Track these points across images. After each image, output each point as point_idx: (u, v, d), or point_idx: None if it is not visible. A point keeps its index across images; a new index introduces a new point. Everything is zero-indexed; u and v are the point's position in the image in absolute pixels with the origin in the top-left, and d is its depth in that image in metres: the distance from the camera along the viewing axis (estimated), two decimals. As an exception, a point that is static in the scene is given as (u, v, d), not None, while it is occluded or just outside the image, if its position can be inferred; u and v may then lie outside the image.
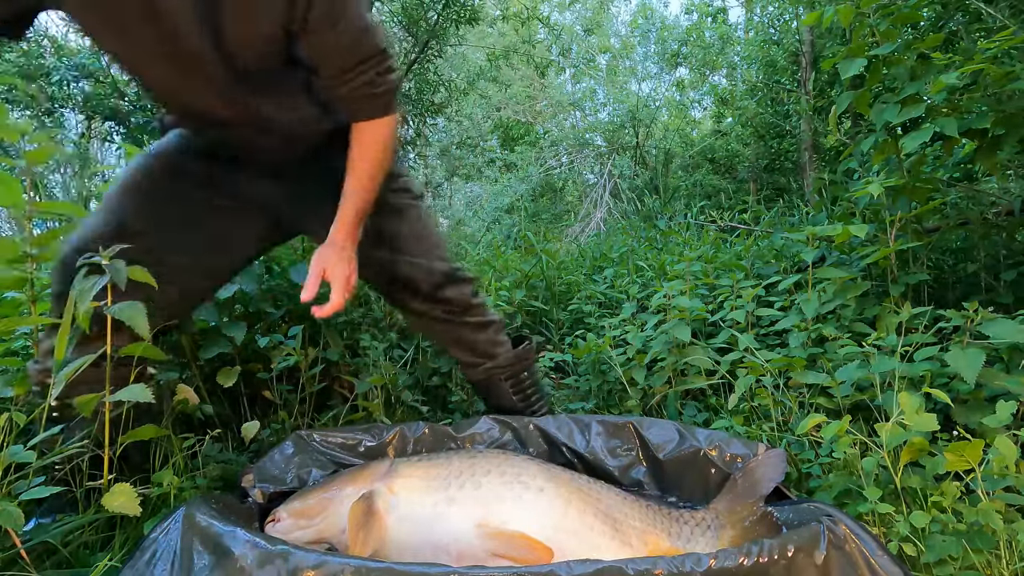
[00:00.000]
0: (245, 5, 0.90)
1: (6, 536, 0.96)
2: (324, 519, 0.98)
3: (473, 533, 0.91)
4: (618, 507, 0.99)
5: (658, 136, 10.13)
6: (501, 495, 0.94)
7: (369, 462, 1.11)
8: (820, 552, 0.74)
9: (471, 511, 0.93)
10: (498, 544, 0.89)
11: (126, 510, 1.06)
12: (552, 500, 0.94)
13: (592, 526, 0.93)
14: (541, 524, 0.92)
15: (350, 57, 0.99)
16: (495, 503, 0.94)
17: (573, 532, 0.92)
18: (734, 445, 1.18)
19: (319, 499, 1.01)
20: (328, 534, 0.98)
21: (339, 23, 0.95)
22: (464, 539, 0.91)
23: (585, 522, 0.93)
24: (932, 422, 1.03)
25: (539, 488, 0.96)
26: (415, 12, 6.55)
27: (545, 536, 0.90)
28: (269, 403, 1.73)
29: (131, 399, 1.10)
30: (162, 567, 0.80)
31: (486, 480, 0.97)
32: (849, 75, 1.71)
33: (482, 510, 0.93)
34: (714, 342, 1.84)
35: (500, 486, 0.96)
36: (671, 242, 3.91)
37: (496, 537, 0.90)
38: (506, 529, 0.90)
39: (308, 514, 0.99)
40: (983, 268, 1.91)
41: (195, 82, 0.98)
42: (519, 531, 0.90)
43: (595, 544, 0.92)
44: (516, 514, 0.92)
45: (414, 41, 6.72)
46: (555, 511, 0.93)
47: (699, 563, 0.71)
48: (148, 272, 1.00)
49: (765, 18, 8.81)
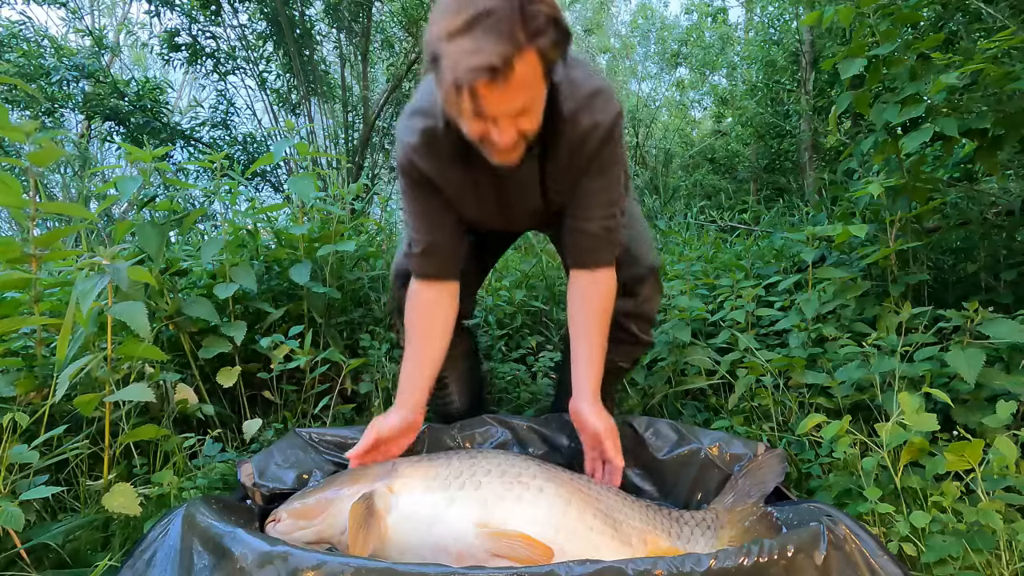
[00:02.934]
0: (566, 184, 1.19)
1: (6, 536, 0.96)
2: (324, 520, 0.98)
3: (473, 533, 0.90)
4: (618, 507, 0.98)
5: (658, 136, 10.13)
6: (501, 495, 0.94)
7: (370, 464, 1.11)
8: (820, 552, 0.74)
9: (471, 511, 0.93)
10: (498, 544, 0.89)
11: (126, 510, 1.06)
12: (552, 500, 0.94)
13: (592, 526, 0.93)
14: (541, 524, 0.91)
15: (608, 202, 1.20)
16: (495, 503, 0.93)
17: (573, 532, 0.92)
18: (734, 445, 1.18)
19: (319, 499, 1.01)
20: (328, 534, 0.98)
21: (611, 171, 1.18)
22: (464, 539, 0.90)
23: (585, 522, 0.93)
24: (932, 422, 1.03)
25: (539, 488, 0.95)
26: (415, 12, 6.56)
27: (545, 536, 0.90)
28: (269, 403, 1.73)
29: (131, 399, 1.11)
30: (161, 567, 0.81)
31: (486, 480, 0.97)
32: (849, 75, 1.71)
33: (482, 510, 0.93)
34: (714, 342, 1.84)
35: (500, 486, 0.95)
36: (671, 242, 3.90)
37: (496, 537, 0.89)
38: (506, 529, 0.90)
39: (308, 515, 0.99)
40: (983, 268, 1.91)
41: (520, 221, 1.36)
42: (519, 531, 0.90)
43: (595, 544, 0.91)
44: (516, 514, 0.92)
45: (414, 41, 6.72)
46: (555, 511, 0.93)
47: (699, 563, 0.71)
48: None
49: (765, 18, 8.81)
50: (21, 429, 1.08)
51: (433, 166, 1.15)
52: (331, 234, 1.98)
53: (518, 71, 0.88)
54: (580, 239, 1.23)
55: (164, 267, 1.68)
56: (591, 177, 1.18)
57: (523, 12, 0.86)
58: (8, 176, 1.23)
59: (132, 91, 6.01)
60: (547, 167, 1.17)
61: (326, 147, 6.52)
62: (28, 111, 5.87)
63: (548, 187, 1.21)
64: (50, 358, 1.31)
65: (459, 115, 0.96)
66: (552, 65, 0.95)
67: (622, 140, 1.19)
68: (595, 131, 1.11)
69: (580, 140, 1.12)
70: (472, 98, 0.89)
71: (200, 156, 6.24)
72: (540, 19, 0.88)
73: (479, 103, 0.90)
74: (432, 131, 1.12)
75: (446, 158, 1.14)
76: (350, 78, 6.87)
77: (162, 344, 1.67)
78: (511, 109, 0.93)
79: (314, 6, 6.49)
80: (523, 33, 0.86)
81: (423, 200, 1.21)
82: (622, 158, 1.21)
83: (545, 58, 0.92)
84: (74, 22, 6.64)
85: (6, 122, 1.24)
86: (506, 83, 0.88)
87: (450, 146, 1.12)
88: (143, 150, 1.63)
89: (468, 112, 0.93)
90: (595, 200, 1.20)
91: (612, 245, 1.24)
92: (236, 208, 2.07)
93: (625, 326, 1.39)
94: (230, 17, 6.25)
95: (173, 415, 1.46)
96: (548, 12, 0.89)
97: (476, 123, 0.96)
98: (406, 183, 1.21)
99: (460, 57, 0.85)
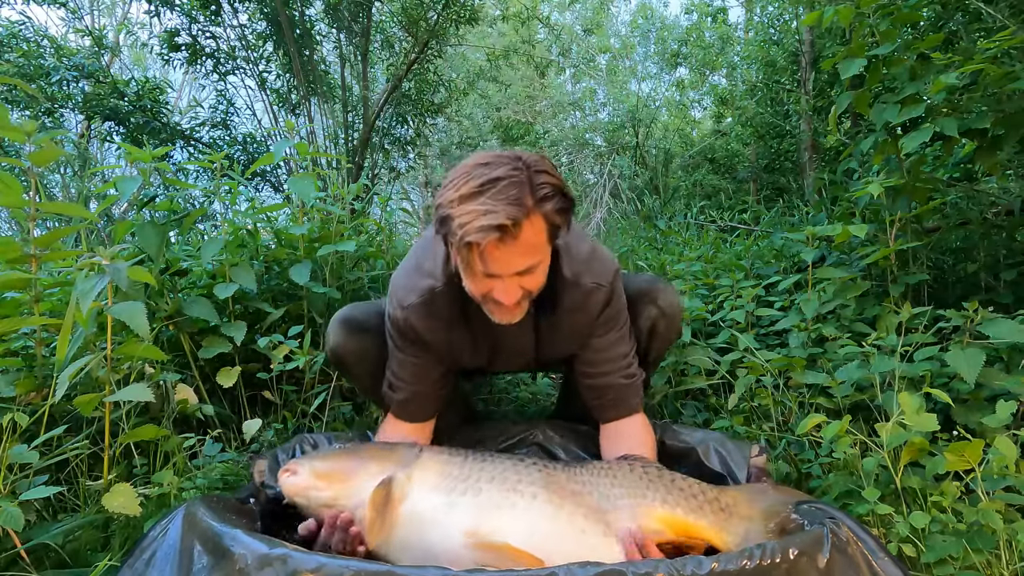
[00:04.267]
0: (564, 343, 1.26)
1: (6, 536, 0.96)
2: (343, 487, 0.99)
3: (460, 543, 0.92)
4: (609, 495, 0.99)
5: (658, 136, 10.12)
6: (498, 503, 0.95)
7: (401, 445, 1.12)
8: (823, 555, 0.74)
9: (464, 519, 0.94)
10: (485, 556, 0.89)
11: (126, 510, 1.06)
12: (543, 506, 0.95)
13: (584, 528, 0.94)
14: (531, 531, 0.92)
15: (623, 354, 1.26)
16: (490, 511, 0.94)
17: (564, 536, 0.93)
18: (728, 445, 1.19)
19: (344, 466, 1.02)
20: (343, 504, 0.98)
21: (619, 324, 1.25)
22: (452, 549, 0.92)
23: (576, 524, 0.94)
24: (932, 422, 1.03)
25: (532, 495, 0.96)
26: (415, 12, 6.55)
27: (535, 543, 0.90)
28: (269, 403, 1.73)
29: (131, 399, 1.10)
30: (161, 567, 0.80)
31: (488, 487, 0.97)
32: (849, 75, 1.71)
33: (475, 519, 0.93)
34: (714, 342, 1.84)
35: (498, 494, 0.96)
36: (671, 242, 3.91)
37: (483, 549, 0.90)
38: (492, 540, 0.91)
39: (329, 477, 1.00)
40: (983, 268, 1.91)
41: (512, 366, 1.42)
42: (505, 542, 0.90)
43: (591, 545, 0.92)
44: (508, 523, 0.93)
45: (414, 41, 6.71)
46: (545, 518, 0.94)
47: (700, 566, 0.70)
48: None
49: (765, 18, 8.80)
50: (21, 429, 1.08)
51: (430, 326, 1.19)
52: (331, 234, 1.98)
53: (525, 232, 0.94)
54: (605, 392, 1.26)
55: (164, 267, 1.67)
56: (601, 335, 1.24)
57: (531, 181, 0.95)
58: (8, 176, 1.23)
59: (132, 91, 6.00)
60: (541, 325, 1.24)
61: (326, 147, 6.52)
62: (28, 111, 5.86)
63: (542, 342, 1.28)
64: (50, 358, 1.31)
65: (466, 273, 1.03)
66: (557, 231, 1.02)
67: (623, 292, 1.27)
68: (598, 291, 1.19)
69: (583, 299, 1.19)
70: (481, 257, 0.96)
71: (200, 156, 6.24)
72: (547, 188, 0.96)
73: (487, 261, 0.96)
74: (431, 290, 1.17)
75: (444, 317, 1.19)
76: (350, 78, 6.86)
77: (162, 344, 1.66)
78: (516, 268, 0.99)
79: (314, 6, 6.48)
80: (531, 199, 0.94)
81: (412, 356, 1.25)
82: (625, 307, 1.28)
83: (550, 223, 0.99)
84: (74, 22, 6.63)
85: (6, 122, 1.24)
86: (514, 243, 0.94)
87: (449, 306, 1.17)
88: (143, 150, 1.63)
89: (477, 271, 0.99)
90: (610, 354, 1.25)
91: (637, 389, 1.28)
92: (236, 208, 2.07)
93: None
94: (230, 17, 6.24)
95: (173, 415, 1.45)
96: (554, 183, 0.97)
97: (483, 282, 1.02)
98: (398, 340, 1.24)
99: (471, 218, 0.91)
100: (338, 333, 1.36)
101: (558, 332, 1.24)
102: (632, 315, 1.33)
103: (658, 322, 1.36)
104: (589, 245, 1.22)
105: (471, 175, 0.94)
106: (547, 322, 1.22)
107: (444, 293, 1.16)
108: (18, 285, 1.30)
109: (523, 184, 0.94)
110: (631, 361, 1.27)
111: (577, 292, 1.18)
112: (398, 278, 1.24)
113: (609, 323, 1.24)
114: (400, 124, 7.24)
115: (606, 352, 1.25)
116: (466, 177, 0.95)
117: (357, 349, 1.35)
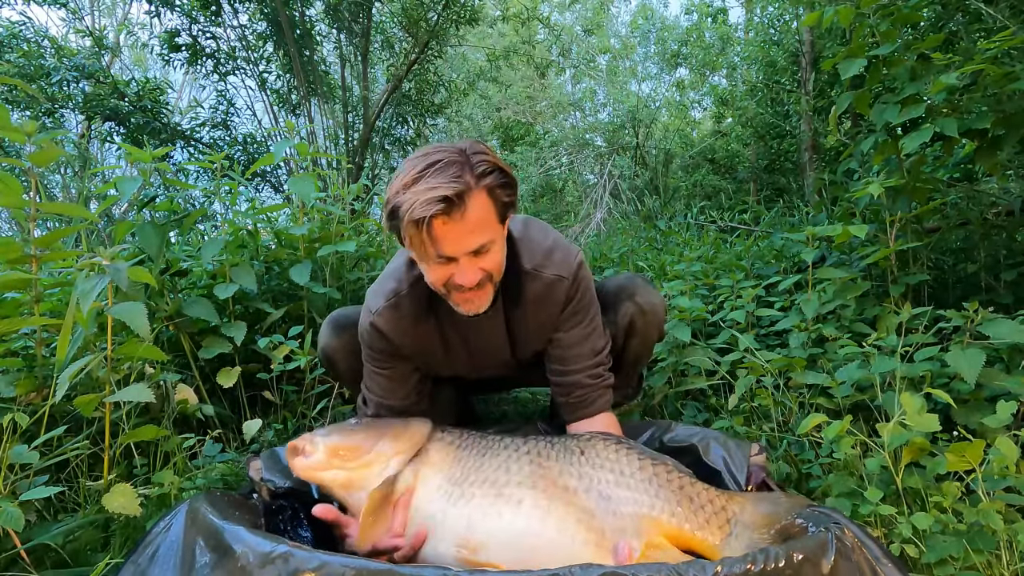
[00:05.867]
0: (534, 337, 1.26)
1: (7, 537, 0.96)
2: (359, 469, 1.00)
3: (453, 556, 0.92)
4: (610, 499, 0.95)
5: (658, 136, 10.12)
6: (485, 512, 0.94)
7: (415, 423, 1.11)
8: (827, 561, 0.73)
9: (457, 528, 0.94)
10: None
11: (126, 510, 1.06)
12: (530, 512, 0.93)
13: (574, 536, 0.91)
14: (518, 545, 0.91)
15: (592, 351, 1.25)
16: (479, 521, 0.94)
17: (554, 545, 0.90)
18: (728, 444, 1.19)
19: (359, 445, 1.02)
20: (360, 486, 0.99)
21: (586, 319, 1.24)
22: (447, 554, 0.93)
23: (567, 531, 0.91)
24: (933, 422, 1.03)
25: (518, 500, 0.94)
26: (415, 12, 6.55)
27: (525, 557, 0.89)
28: (269, 403, 1.73)
29: (131, 399, 1.10)
30: (163, 563, 0.80)
31: (479, 492, 0.97)
32: (849, 75, 1.71)
33: (466, 528, 0.93)
34: (714, 342, 1.83)
35: (485, 501, 0.95)
36: (671, 242, 3.91)
37: (471, 566, 0.90)
38: (477, 559, 0.91)
39: (346, 456, 1.01)
40: (983, 268, 1.91)
41: (494, 370, 1.37)
42: (491, 562, 0.90)
43: (581, 557, 0.89)
44: (496, 532, 0.92)
45: (414, 41, 6.71)
46: (532, 525, 0.92)
47: (703, 571, 0.70)
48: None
49: (765, 18, 8.80)
50: (21, 429, 1.08)
51: (397, 326, 1.21)
52: (331, 234, 1.98)
53: (470, 208, 0.97)
54: (571, 391, 1.26)
55: (164, 267, 1.67)
56: (567, 330, 1.24)
57: (469, 161, 0.99)
58: (8, 176, 1.23)
59: (132, 91, 6.01)
60: (511, 319, 1.24)
61: (326, 147, 6.52)
62: (28, 111, 5.87)
63: (515, 339, 1.27)
64: (50, 358, 1.31)
65: (423, 262, 1.04)
66: (504, 209, 1.04)
67: (591, 285, 1.26)
68: (560, 283, 1.19)
69: (545, 291, 1.19)
70: (431, 236, 0.97)
71: (200, 156, 6.24)
72: (484, 165, 0.99)
73: (438, 242, 0.98)
74: (397, 293, 1.19)
75: (410, 318, 1.20)
76: (350, 78, 6.87)
77: (162, 344, 1.66)
78: (469, 247, 1.00)
79: (314, 6, 6.49)
80: (470, 175, 0.98)
81: (381, 367, 1.27)
82: (595, 302, 1.27)
83: (495, 198, 1.01)
84: (74, 22, 6.64)
85: (7, 122, 1.24)
86: (462, 219, 0.96)
87: (415, 305, 1.19)
88: (143, 150, 1.63)
89: (431, 256, 1.00)
90: (577, 351, 1.25)
91: (605, 390, 1.27)
92: (236, 208, 2.07)
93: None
94: (230, 17, 6.25)
95: (173, 415, 1.45)
96: (491, 160, 1.01)
97: (439, 268, 1.03)
98: (368, 351, 1.26)
99: (415, 196, 0.94)
100: (327, 333, 1.39)
101: (527, 327, 1.24)
102: (610, 312, 1.32)
103: (636, 319, 1.35)
104: (551, 238, 1.23)
105: (414, 166, 0.98)
106: (515, 316, 1.23)
107: (409, 294, 1.19)
108: (18, 285, 1.30)
109: (462, 164, 0.98)
110: (601, 360, 1.27)
111: (538, 284, 1.19)
112: (368, 292, 1.27)
113: (576, 317, 1.24)
114: (400, 124, 7.25)
115: (573, 349, 1.25)
116: (409, 168, 0.98)
117: (343, 345, 1.37)
